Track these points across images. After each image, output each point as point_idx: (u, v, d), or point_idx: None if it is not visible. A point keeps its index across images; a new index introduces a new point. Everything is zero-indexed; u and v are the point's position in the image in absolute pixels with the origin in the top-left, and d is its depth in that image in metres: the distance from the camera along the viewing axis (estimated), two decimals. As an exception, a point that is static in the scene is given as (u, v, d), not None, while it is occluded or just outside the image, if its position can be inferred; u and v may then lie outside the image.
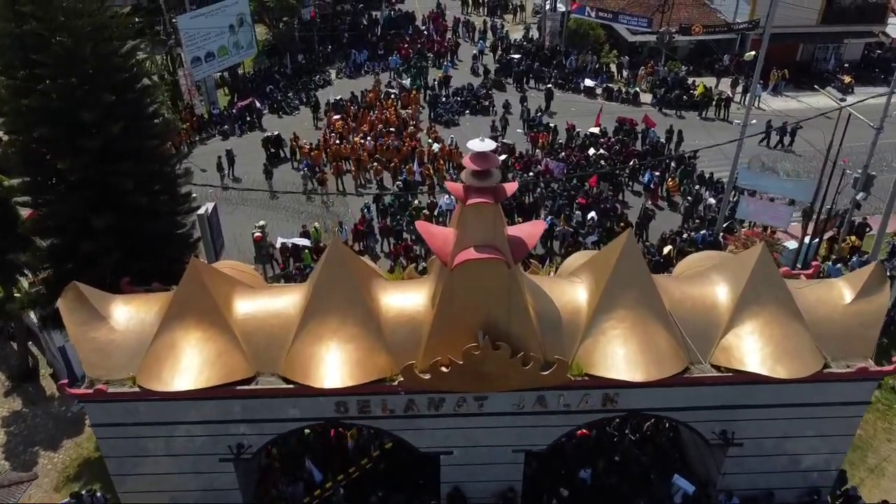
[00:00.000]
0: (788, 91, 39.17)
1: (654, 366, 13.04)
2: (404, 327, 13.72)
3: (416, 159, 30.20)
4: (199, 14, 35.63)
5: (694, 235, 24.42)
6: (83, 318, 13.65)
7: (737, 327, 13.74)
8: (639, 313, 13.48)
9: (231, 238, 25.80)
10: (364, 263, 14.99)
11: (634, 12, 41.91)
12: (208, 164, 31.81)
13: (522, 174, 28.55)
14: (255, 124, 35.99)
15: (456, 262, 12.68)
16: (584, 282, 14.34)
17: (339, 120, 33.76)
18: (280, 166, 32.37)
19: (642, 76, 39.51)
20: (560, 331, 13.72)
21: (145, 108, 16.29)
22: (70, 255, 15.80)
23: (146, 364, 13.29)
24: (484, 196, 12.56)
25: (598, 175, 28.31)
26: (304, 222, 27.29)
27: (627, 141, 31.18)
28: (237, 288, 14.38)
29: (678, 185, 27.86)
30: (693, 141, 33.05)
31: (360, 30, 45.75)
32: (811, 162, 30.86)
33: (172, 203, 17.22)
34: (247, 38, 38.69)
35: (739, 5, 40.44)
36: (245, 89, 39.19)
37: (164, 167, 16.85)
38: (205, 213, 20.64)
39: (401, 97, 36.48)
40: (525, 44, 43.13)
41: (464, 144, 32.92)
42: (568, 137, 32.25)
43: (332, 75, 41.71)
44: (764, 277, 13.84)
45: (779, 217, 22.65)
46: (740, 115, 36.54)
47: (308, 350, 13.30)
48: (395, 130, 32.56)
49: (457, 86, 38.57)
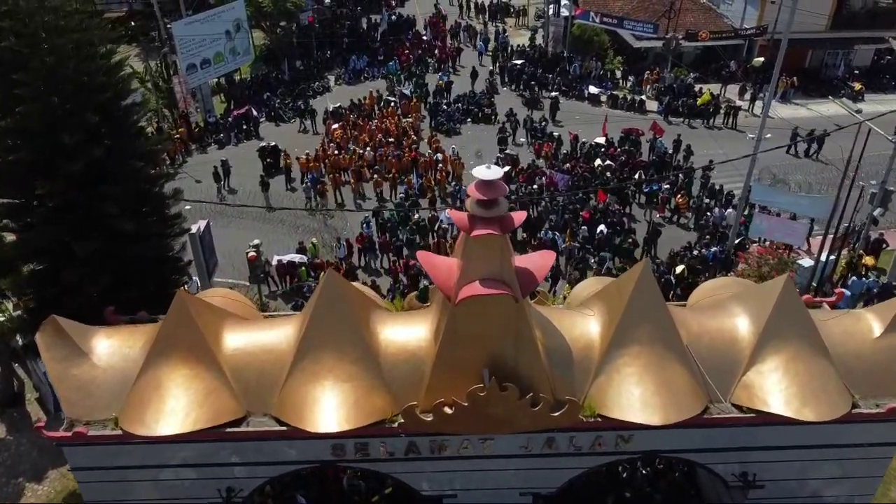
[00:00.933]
0: (797, 98, 38.34)
1: (672, 407, 12.20)
2: (405, 364, 12.89)
3: (416, 171, 29.40)
4: (195, 20, 34.79)
5: (705, 253, 23.58)
6: (62, 354, 12.81)
7: (759, 364, 12.90)
8: (655, 350, 12.64)
9: (226, 253, 24.97)
10: (361, 294, 14.15)
11: (639, 17, 41.08)
12: (204, 174, 31.00)
13: (526, 187, 27.70)
14: (252, 133, 35.18)
15: (460, 298, 11.84)
16: (596, 314, 13.50)
17: (339, 129, 32.94)
18: (277, 177, 31.58)
19: (647, 80, 38.69)
20: (571, 368, 12.89)
21: (131, 127, 15.44)
22: (53, 281, 14.96)
23: (129, 405, 12.45)
24: (490, 227, 11.72)
25: (604, 187, 27.51)
26: (302, 237, 26.53)
27: (634, 152, 30.32)
28: (227, 320, 13.54)
29: (687, 201, 27.00)
30: (702, 151, 32.24)
31: (359, 35, 44.85)
32: (823, 173, 30.06)
33: (161, 225, 16.38)
34: (244, 44, 37.87)
35: (747, 10, 39.62)
36: (242, 96, 38.38)
37: (152, 188, 16.00)
38: (197, 231, 19.81)
39: (401, 105, 35.64)
40: (528, 49, 42.27)
41: (465, 154, 32.43)
42: (572, 148, 31.41)
43: (330, 82, 40.88)
44: (788, 310, 13.00)
45: (794, 235, 21.82)
46: (748, 124, 35.84)
47: (302, 389, 12.47)
48: (395, 140, 31.72)
49: (458, 93, 37.86)
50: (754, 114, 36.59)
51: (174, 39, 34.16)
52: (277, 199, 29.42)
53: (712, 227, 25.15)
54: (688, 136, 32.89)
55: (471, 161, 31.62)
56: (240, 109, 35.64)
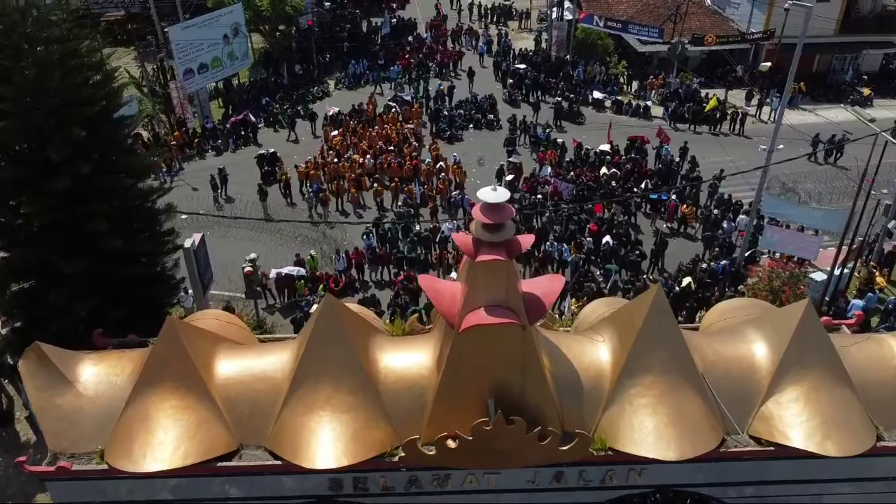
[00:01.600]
0: (805, 104, 37.70)
1: (687, 441, 11.55)
2: (406, 394, 12.25)
3: (417, 179, 28.77)
4: (192, 24, 34.21)
5: (714, 265, 22.94)
6: (46, 383, 12.18)
7: (778, 394, 12.25)
8: (669, 379, 11.99)
9: (223, 265, 24.33)
10: (360, 318, 13.51)
11: (644, 21, 40.47)
12: (201, 181, 30.41)
13: (529, 196, 27.05)
14: (250, 139, 34.57)
15: (464, 327, 11.21)
16: (606, 340, 12.86)
17: (338, 136, 32.30)
18: (276, 185, 30.94)
19: (652, 85, 38.04)
20: (581, 398, 12.24)
21: (121, 141, 14.82)
22: (41, 301, 14.34)
23: (116, 437, 11.81)
24: (496, 252, 11.09)
25: (611, 196, 26.88)
26: (300, 248, 25.94)
27: (639, 160, 29.66)
28: (219, 346, 12.90)
29: (695, 211, 26.35)
30: (708, 158, 31.60)
31: (359, 38, 44.16)
32: (833, 182, 29.42)
33: (153, 243, 15.76)
34: (242, 48, 37.30)
35: (753, 14, 38.97)
36: (240, 101, 37.75)
37: (143, 204, 15.38)
38: (191, 246, 19.13)
39: (402, 111, 34.99)
40: (530, 54, 41.61)
41: (467, 161, 31.78)
42: (576, 156, 30.76)
43: (330, 86, 40.25)
44: (809, 337, 12.36)
45: (807, 248, 21.17)
46: (756, 130, 35.21)
47: (298, 421, 11.83)
48: (396, 147, 31.07)
49: (459, 98, 37.25)
50: (761, 119, 36.01)
51: (171, 44, 33.54)
52: (276, 208, 28.83)
53: (721, 240, 24.47)
54: (694, 143, 32.23)
55: (473, 169, 31.03)
56: (237, 115, 35.01)
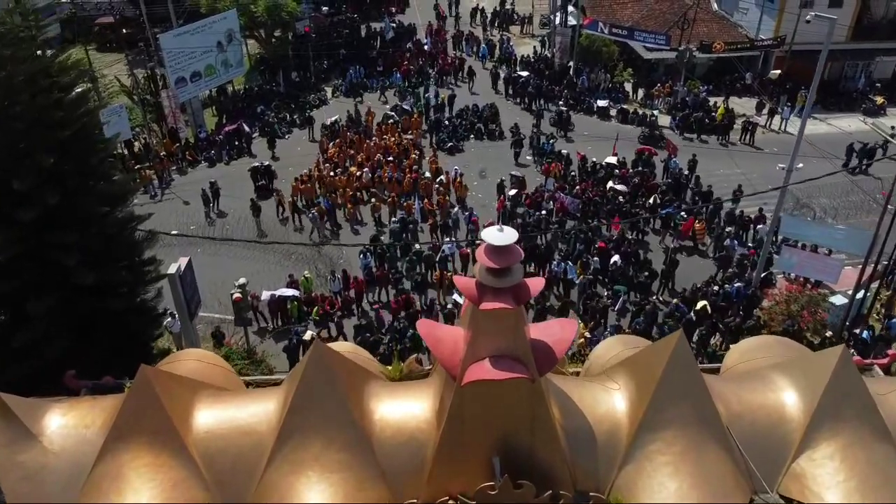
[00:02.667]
0: (816, 112, 36.56)
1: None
2: (403, 450, 11.12)
3: (416, 194, 27.70)
4: (185, 31, 33.13)
5: (728, 289, 21.85)
6: (8, 438, 11.05)
7: (811, 450, 11.13)
8: (692, 434, 10.88)
9: (212, 284, 23.32)
10: (352, 364, 12.38)
11: (650, 27, 39.40)
12: (193, 194, 29.37)
13: (533, 213, 25.96)
14: (244, 149, 33.49)
15: (466, 380, 10.11)
16: (622, 388, 11.74)
17: (334, 148, 31.24)
18: (270, 199, 29.88)
19: (659, 94, 36.97)
20: (595, 455, 11.12)
21: (96, 167, 13.75)
22: (5, 343, 13.27)
23: (85, 496, 10.72)
24: (502, 299, 9.94)
25: (619, 213, 25.83)
26: (295, 266, 24.94)
27: (647, 173, 28.56)
28: (199, 394, 11.78)
29: (705, 227, 25.27)
30: (718, 170, 30.56)
31: (358, 44, 42.97)
32: (849, 196, 28.35)
33: (133, 274, 14.68)
34: (236, 55, 36.24)
35: (763, 20, 37.89)
36: (234, 109, 36.70)
37: (120, 233, 14.31)
38: (176, 272, 18.05)
39: (401, 121, 33.92)
40: (533, 60, 40.52)
41: (469, 175, 30.65)
42: (581, 169, 29.66)
43: (328, 94, 39.17)
44: (844, 386, 11.23)
45: (828, 271, 20.09)
46: (766, 140, 34.11)
47: (284, 481, 10.73)
48: (395, 159, 29.98)
49: (460, 106, 36.22)
50: (772, 129, 34.92)
51: (162, 52, 32.47)
52: (269, 224, 27.74)
53: (734, 260, 23.37)
54: (702, 154, 31.19)
55: (475, 181, 29.98)
56: (231, 125, 33.94)
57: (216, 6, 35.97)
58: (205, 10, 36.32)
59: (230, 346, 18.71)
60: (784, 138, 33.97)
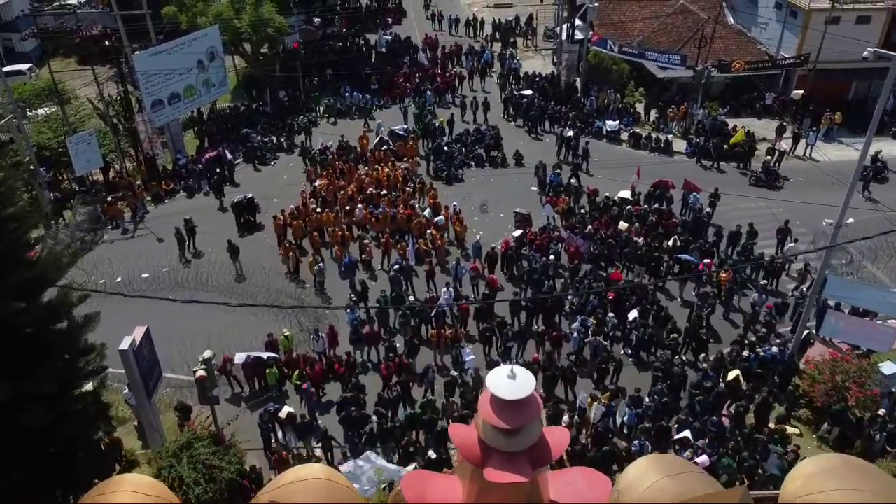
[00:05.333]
0: (842, 136, 34.07)
1: None
2: None
3: (411, 234, 25.16)
4: (161, 51, 30.57)
5: (762, 352, 19.31)
6: None
7: None
8: None
9: (181, 342, 20.93)
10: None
11: (662, 42, 36.89)
12: (168, 229, 26.74)
13: (540, 257, 23.41)
14: (226, 178, 30.91)
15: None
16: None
17: (323, 179, 28.68)
18: (255, 233, 27.34)
19: (674, 116, 34.43)
20: None
21: (15, 250, 11.19)
22: None
23: None
24: (514, 467, 7.37)
25: (635, 258, 23.32)
26: (275, 319, 22.39)
27: (666, 211, 25.96)
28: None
29: (731, 276, 22.74)
30: (741, 204, 27.97)
31: (351, 61, 40.26)
32: (890, 237, 25.68)
33: (65, 372, 12.12)
34: (219, 75, 33.70)
35: (784, 36, 35.29)
36: (217, 132, 34.14)
37: (46, 326, 11.75)
38: (130, 346, 15.54)
39: (395, 147, 31.36)
40: (537, 79, 37.94)
41: (469, 209, 28.02)
42: (591, 204, 27.06)
43: (318, 115, 36.61)
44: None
45: (881, 339, 17.55)
46: (790, 168, 31.38)
47: None
48: (388, 194, 27.41)
49: (459, 126, 33.74)
50: (796, 156, 32.36)
51: (136, 73, 29.93)
52: (251, 266, 25.14)
53: (762, 318, 20.82)
54: (721, 185, 28.66)
55: (475, 217, 27.46)
56: (211, 152, 31.39)
57: (196, 22, 33.35)
58: (184, 25, 33.74)
59: (193, 430, 16.15)
60: (810, 166, 31.43)
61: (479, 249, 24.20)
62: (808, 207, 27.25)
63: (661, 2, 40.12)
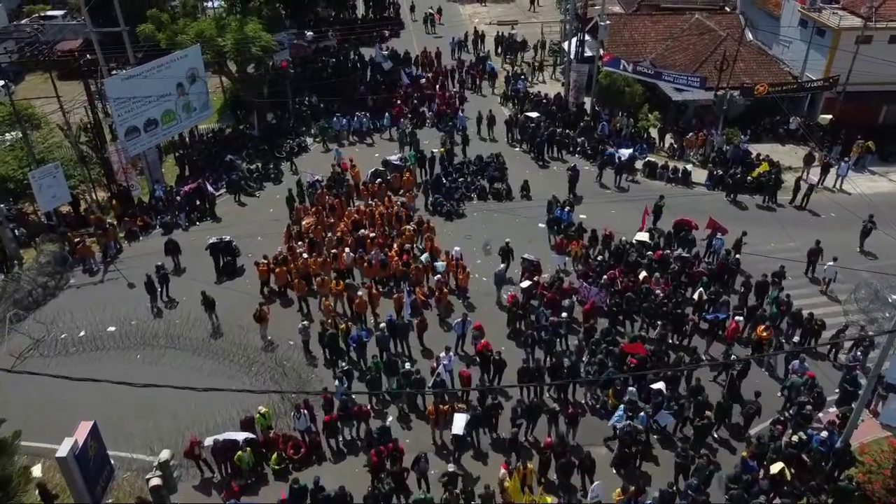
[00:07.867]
0: (872, 165, 31.55)
1: None
2: None
3: (407, 282, 22.69)
4: (136, 74, 28.02)
5: (808, 436, 16.78)
6: None
7: None
8: None
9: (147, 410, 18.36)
10: None
11: (678, 61, 34.42)
12: (141, 273, 24.12)
13: (553, 313, 20.88)
14: (206, 212, 28.37)
15: None
16: None
17: (311, 216, 26.16)
18: (235, 279, 24.73)
19: (692, 143, 31.92)
20: None
21: None
22: None
23: None
24: None
25: (658, 313, 20.84)
26: (252, 382, 19.94)
27: (690, 259, 23.38)
28: None
29: (772, 333, 20.20)
30: (768, 244, 25.47)
31: (345, 78, 37.72)
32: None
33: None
34: (201, 98, 31.17)
35: (810, 56, 32.73)
36: (198, 159, 31.57)
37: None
38: (72, 450, 13.04)
39: (391, 179, 28.83)
40: (543, 101, 35.40)
41: (471, 250, 25.28)
42: (604, 248, 24.51)
43: (307, 140, 34.08)
44: None
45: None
46: (820, 202, 28.65)
47: None
48: (384, 230, 24.80)
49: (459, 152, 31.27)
50: (825, 187, 29.83)
51: (107, 100, 27.37)
52: (228, 318, 22.57)
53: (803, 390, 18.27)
54: (745, 222, 26.16)
55: (478, 260, 24.94)
56: (191, 184, 28.85)
57: (176, 41, 30.78)
58: (163, 43, 31.17)
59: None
60: (841, 199, 28.92)
61: (503, 279, 22.76)
62: (843, 246, 24.77)
63: (676, 17, 37.66)
